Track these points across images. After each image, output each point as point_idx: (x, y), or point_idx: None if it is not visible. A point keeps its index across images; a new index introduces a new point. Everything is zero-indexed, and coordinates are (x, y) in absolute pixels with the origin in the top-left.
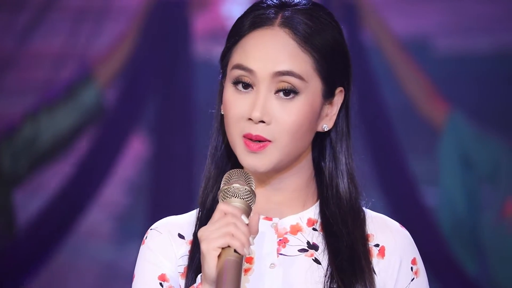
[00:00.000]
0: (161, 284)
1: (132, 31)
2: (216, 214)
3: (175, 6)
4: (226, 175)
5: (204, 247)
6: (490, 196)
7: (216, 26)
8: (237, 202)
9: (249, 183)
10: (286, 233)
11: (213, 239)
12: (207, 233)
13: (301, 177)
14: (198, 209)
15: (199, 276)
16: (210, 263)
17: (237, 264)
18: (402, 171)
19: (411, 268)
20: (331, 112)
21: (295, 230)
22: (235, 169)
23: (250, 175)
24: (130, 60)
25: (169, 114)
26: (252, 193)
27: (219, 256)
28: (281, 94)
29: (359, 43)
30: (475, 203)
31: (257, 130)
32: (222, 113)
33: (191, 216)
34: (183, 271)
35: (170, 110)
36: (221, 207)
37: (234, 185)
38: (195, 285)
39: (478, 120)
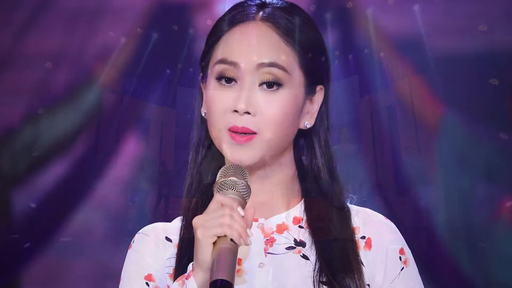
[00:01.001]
0: (147, 283)
1: (133, 32)
2: (213, 204)
3: (176, 7)
4: (222, 169)
5: (199, 233)
6: (485, 195)
7: None
8: (234, 195)
9: (245, 178)
10: (272, 232)
11: (210, 227)
12: (203, 221)
13: (284, 175)
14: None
15: (190, 264)
16: (205, 250)
17: (233, 252)
18: (397, 171)
19: (400, 257)
20: (312, 109)
21: (282, 229)
22: (230, 164)
23: (245, 170)
24: (131, 60)
25: (169, 115)
26: (248, 188)
27: (214, 243)
28: (265, 86)
29: (352, 44)
30: (470, 203)
31: (242, 121)
32: (203, 114)
33: (178, 222)
34: (171, 272)
35: (170, 110)
36: (218, 197)
37: (231, 178)
38: (185, 274)
39: (473, 120)
